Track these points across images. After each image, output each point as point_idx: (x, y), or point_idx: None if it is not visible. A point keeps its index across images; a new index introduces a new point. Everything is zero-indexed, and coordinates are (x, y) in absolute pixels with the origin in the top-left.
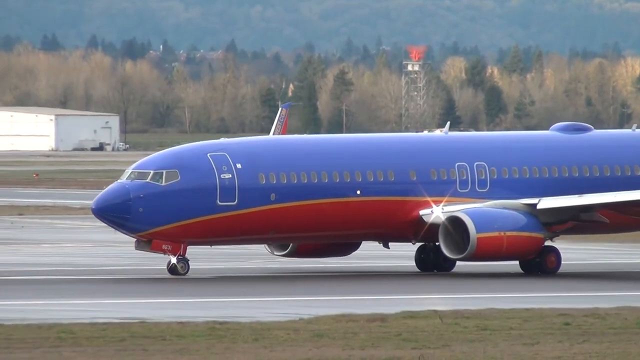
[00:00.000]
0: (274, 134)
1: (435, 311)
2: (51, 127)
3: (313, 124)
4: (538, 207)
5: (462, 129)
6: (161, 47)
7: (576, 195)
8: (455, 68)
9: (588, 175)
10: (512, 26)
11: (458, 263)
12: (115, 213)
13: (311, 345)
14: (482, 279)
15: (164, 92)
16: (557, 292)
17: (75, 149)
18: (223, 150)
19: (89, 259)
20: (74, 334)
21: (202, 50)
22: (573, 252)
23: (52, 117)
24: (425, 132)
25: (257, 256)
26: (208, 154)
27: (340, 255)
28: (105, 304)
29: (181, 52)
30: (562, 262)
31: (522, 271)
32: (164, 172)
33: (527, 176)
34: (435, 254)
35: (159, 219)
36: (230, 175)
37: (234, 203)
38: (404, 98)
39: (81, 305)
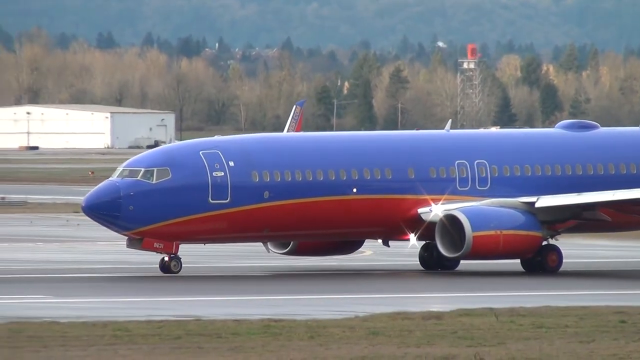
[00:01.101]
0: (288, 131)
1: (491, 309)
2: (107, 124)
3: (368, 122)
4: (536, 205)
5: (517, 127)
6: (217, 44)
7: (575, 194)
8: (510, 66)
9: (592, 173)
10: (567, 24)
11: (465, 261)
12: (105, 211)
13: (366, 343)
14: (538, 277)
15: (219, 89)
16: (612, 290)
17: (130, 147)
18: (216, 148)
19: (144, 256)
20: (129, 331)
21: (257, 48)
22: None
23: (108, 114)
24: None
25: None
26: (200, 152)
27: (343, 254)
28: (160, 301)
29: (237, 49)
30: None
31: (523, 270)
32: (155, 169)
33: (529, 174)
34: (439, 252)
35: (150, 217)
36: (223, 173)
37: (227, 201)
38: (459, 96)
39: (137, 303)
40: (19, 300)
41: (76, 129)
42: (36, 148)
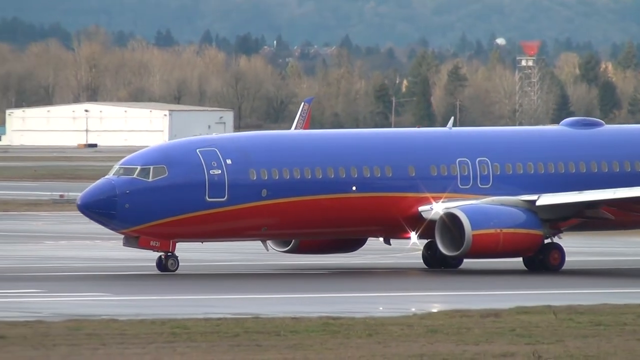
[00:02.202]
0: (295, 128)
1: (549, 306)
2: (165, 122)
3: (427, 119)
4: (537, 203)
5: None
6: (275, 42)
7: (576, 192)
8: (568, 63)
9: (596, 171)
10: (625, 21)
11: (466, 260)
12: (101, 209)
13: (425, 341)
14: (595, 275)
15: (278, 87)
16: None
17: None
18: (213, 145)
19: (202, 254)
20: (187, 329)
21: (316, 46)
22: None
23: (166, 112)
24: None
25: (369, 251)
26: (197, 150)
27: (346, 252)
28: (219, 299)
29: (295, 47)
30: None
31: (525, 268)
32: (151, 167)
33: (532, 172)
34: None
35: (146, 215)
36: (220, 171)
37: (224, 199)
38: (517, 93)
39: (195, 301)
40: (78, 298)
41: (134, 127)
42: (95, 146)
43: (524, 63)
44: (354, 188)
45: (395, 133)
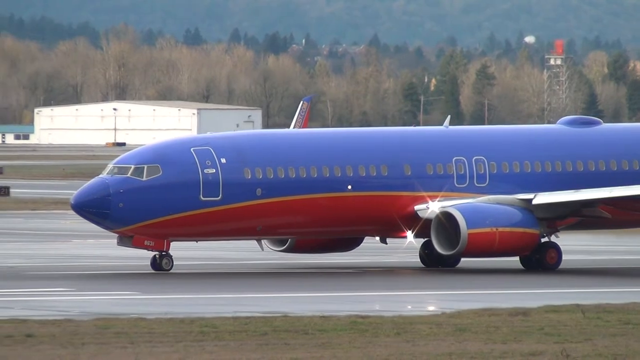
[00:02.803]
0: (294, 127)
1: (577, 305)
2: (194, 120)
3: (455, 118)
4: (534, 202)
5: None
6: (304, 41)
7: (572, 191)
8: (597, 62)
9: (593, 170)
10: None
11: (463, 259)
12: (95, 208)
13: (453, 340)
14: (623, 275)
15: (306, 86)
16: None
17: None
18: (207, 144)
19: (231, 252)
20: (216, 328)
21: (344, 44)
22: None
23: (195, 111)
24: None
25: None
26: (191, 149)
27: (342, 251)
28: (247, 298)
29: (324, 46)
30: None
31: (522, 267)
32: (145, 166)
33: (529, 171)
34: None
35: (140, 214)
36: (214, 170)
37: (218, 198)
38: (546, 92)
39: (224, 300)
40: (107, 297)
41: (163, 125)
42: (123, 144)
43: (552, 62)
44: (349, 187)
45: (390, 132)
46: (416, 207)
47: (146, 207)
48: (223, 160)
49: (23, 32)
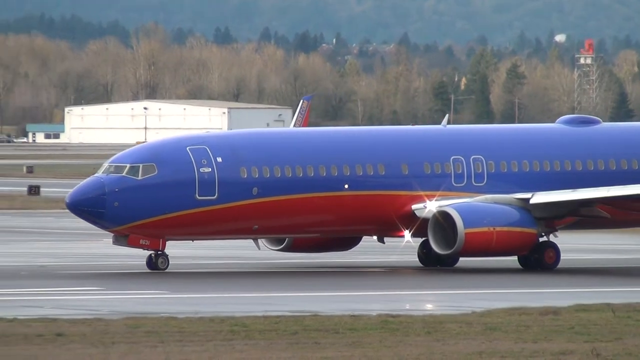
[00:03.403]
0: (294, 126)
1: (608, 304)
2: (224, 120)
3: (485, 117)
4: (531, 201)
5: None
6: (334, 40)
7: (570, 190)
8: (627, 61)
9: (592, 169)
10: None
11: (461, 258)
12: (90, 207)
13: (483, 339)
14: None
15: (336, 85)
16: None
17: None
18: (203, 143)
19: (262, 252)
20: (246, 327)
21: (374, 44)
22: None
23: (225, 110)
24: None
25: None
26: (187, 148)
27: (340, 250)
28: (277, 297)
29: (354, 45)
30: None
31: (520, 267)
32: (141, 165)
33: (527, 170)
34: None
35: (135, 213)
36: (210, 169)
37: (214, 197)
38: (576, 91)
39: (254, 299)
40: (137, 296)
41: (193, 124)
42: None
43: (582, 61)
44: (346, 186)
45: (388, 131)
46: (414, 207)
47: (141, 206)
48: (219, 159)
49: (53, 31)
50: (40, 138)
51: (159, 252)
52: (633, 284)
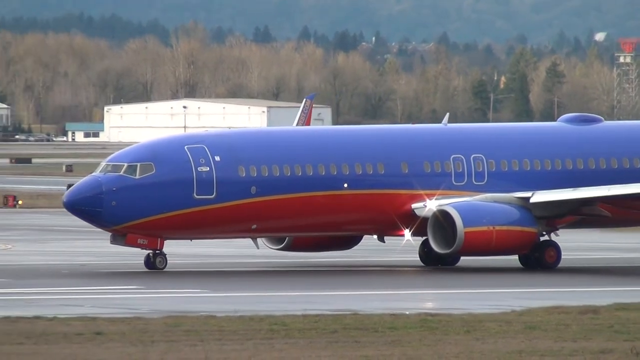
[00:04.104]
0: (297, 124)
1: None
2: (263, 118)
3: (525, 116)
4: (531, 200)
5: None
6: (373, 39)
7: (570, 189)
8: None
9: (594, 167)
10: None
11: (462, 257)
12: (87, 206)
13: (523, 337)
14: None
15: (376, 83)
16: None
17: None
18: (201, 142)
19: (292, 254)
20: (286, 325)
21: (414, 42)
22: None
23: (265, 108)
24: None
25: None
26: (185, 147)
27: (341, 249)
28: (317, 295)
29: (393, 44)
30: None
31: (521, 266)
32: (138, 164)
33: (528, 169)
34: None
35: (133, 212)
36: (208, 168)
37: (212, 196)
38: (615, 90)
39: (293, 297)
40: (177, 294)
41: (233, 123)
42: None
43: (622, 60)
44: (345, 185)
45: (388, 129)
46: (413, 206)
47: (139, 206)
48: (217, 158)
49: (93, 30)
50: (79, 137)
51: (157, 252)
52: None
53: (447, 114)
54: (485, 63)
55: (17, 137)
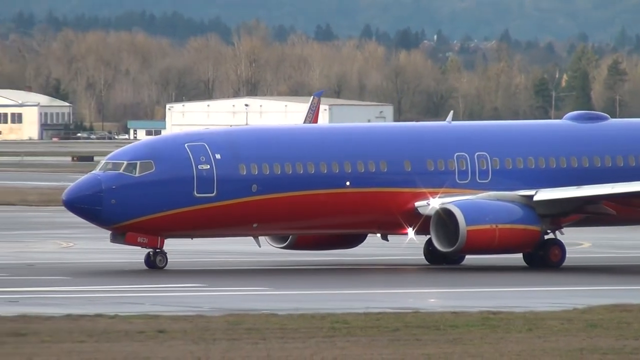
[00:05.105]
0: (305, 122)
1: None
2: (325, 116)
3: None
4: (535, 199)
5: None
6: (435, 37)
7: (574, 187)
8: None
9: (599, 166)
10: None
11: (467, 256)
12: (86, 205)
13: (585, 335)
14: None
15: (437, 81)
16: None
17: None
18: (202, 140)
19: (360, 249)
20: (347, 323)
21: (475, 40)
22: None
23: (326, 106)
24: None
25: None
26: (185, 144)
27: (345, 248)
28: (378, 294)
29: (455, 42)
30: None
31: (525, 264)
32: (138, 162)
33: (533, 167)
34: None
35: (132, 211)
36: (209, 166)
37: (213, 195)
38: None
39: (354, 295)
40: (238, 292)
41: (295, 121)
42: None
43: None
44: (347, 183)
45: (391, 127)
46: (417, 204)
47: (139, 204)
48: (218, 156)
49: (154, 28)
50: (141, 134)
51: (157, 250)
52: None
53: (452, 111)
54: (546, 61)
55: (78, 135)
